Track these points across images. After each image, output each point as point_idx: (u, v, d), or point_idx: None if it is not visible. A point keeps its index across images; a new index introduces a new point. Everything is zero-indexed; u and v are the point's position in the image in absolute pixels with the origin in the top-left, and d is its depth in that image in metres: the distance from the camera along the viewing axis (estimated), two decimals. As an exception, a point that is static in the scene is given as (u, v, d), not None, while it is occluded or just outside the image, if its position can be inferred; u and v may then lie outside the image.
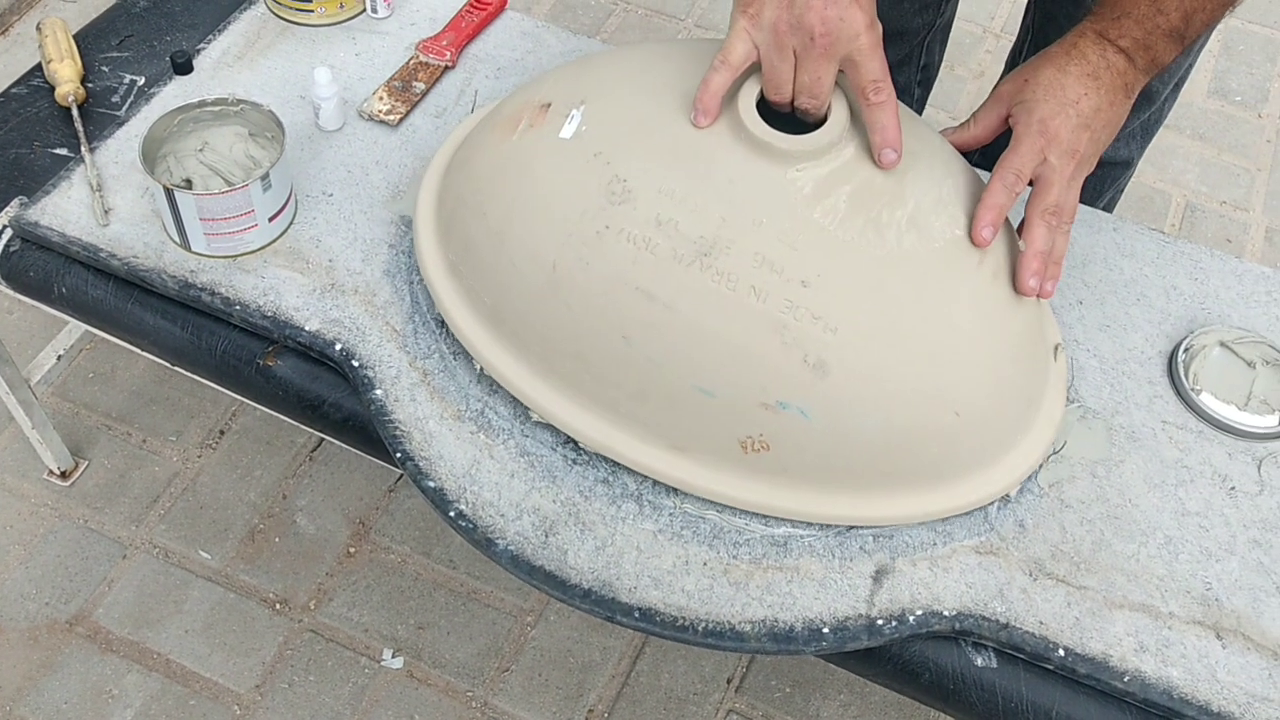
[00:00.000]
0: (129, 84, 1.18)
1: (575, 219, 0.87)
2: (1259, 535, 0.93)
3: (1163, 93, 1.25)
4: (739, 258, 0.83)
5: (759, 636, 0.86)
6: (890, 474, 0.88)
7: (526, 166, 0.91)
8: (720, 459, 0.87)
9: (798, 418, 0.84)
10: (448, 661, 1.36)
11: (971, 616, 0.88)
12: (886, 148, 0.84)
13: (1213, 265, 1.12)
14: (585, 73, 0.95)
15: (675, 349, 0.84)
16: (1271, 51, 2.17)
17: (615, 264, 0.85)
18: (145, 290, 1.04)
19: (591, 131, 0.89)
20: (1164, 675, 0.86)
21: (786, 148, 0.83)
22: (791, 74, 0.83)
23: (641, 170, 0.86)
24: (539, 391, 0.91)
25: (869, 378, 0.84)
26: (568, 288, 0.87)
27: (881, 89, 0.83)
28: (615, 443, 0.90)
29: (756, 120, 0.84)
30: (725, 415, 0.85)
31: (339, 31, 1.25)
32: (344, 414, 0.99)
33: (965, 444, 0.89)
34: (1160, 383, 1.02)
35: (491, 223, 0.92)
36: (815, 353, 0.82)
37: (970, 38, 2.15)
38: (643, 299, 0.84)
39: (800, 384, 0.83)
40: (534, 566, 0.88)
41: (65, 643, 1.35)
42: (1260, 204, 1.93)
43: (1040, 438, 0.94)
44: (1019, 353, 0.91)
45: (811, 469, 0.87)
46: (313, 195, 1.09)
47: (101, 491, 1.47)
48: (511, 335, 0.92)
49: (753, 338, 0.83)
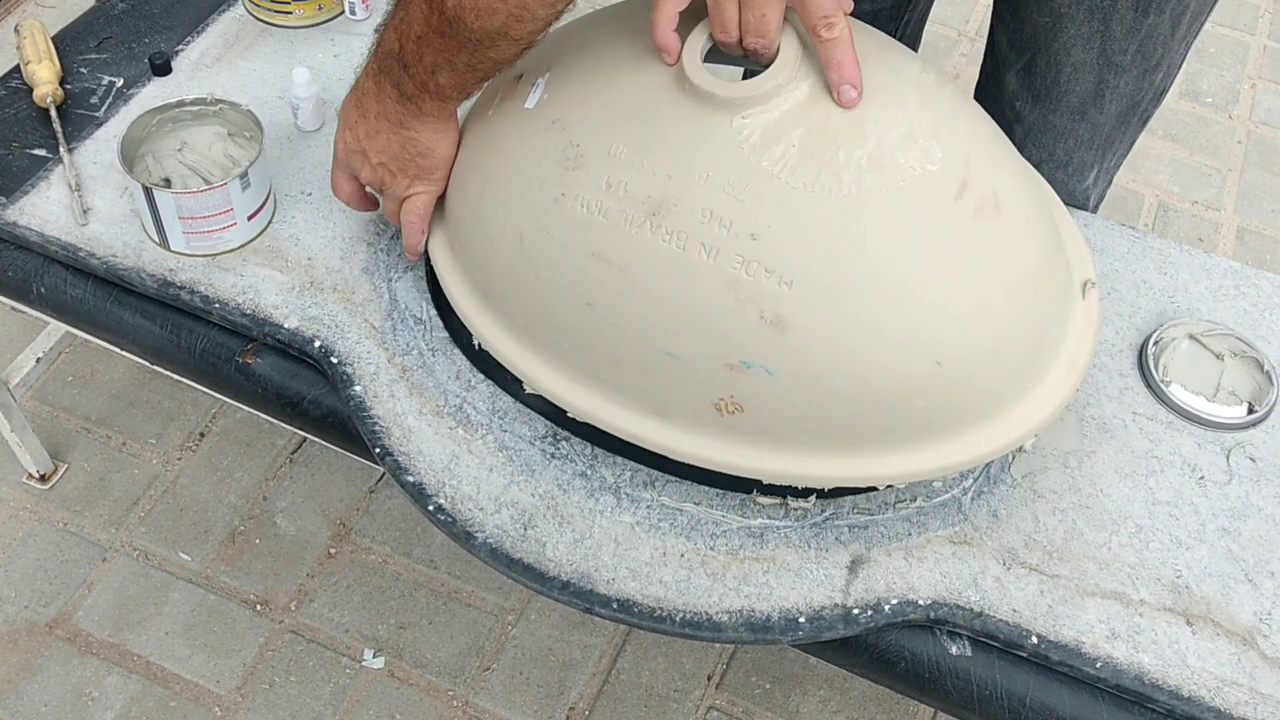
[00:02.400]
0: (108, 85, 1.18)
1: (536, 189, 0.86)
2: (1228, 524, 0.95)
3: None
4: (687, 215, 0.80)
5: (736, 626, 0.87)
6: (875, 431, 0.85)
7: (497, 141, 0.91)
8: (699, 423, 0.85)
9: (763, 376, 0.81)
10: (429, 661, 1.37)
11: (946, 605, 0.89)
12: (845, 84, 0.80)
13: (1182, 260, 1.13)
14: (555, 40, 0.92)
15: (636, 313, 0.83)
16: (1241, 54, 2.20)
17: (572, 231, 0.84)
18: (124, 289, 1.04)
19: (552, 99, 0.88)
20: (1135, 661, 0.87)
21: (728, 95, 0.80)
22: (737, 12, 0.80)
23: (592, 133, 0.84)
24: (529, 364, 0.90)
25: (831, 331, 0.80)
26: (535, 258, 0.86)
27: (834, 24, 0.79)
28: (601, 411, 0.88)
29: (699, 69, 0.81)
30: (694, 378, 0.83)
31: (317, 33, 1.26)
32: (323, 410, 1.00)
33: (956, 395, 0.84)
34: (1131, 375, 1.04)
35: (471, 199, 0.92)
36: (771, 308, 0.79)
37: (945, 41, 2.17)
38: (599, 264, 0.83)
39: (760, 342, 0.80)
40: (513, 559, 0.89)
41: (45, 645, 1.35)
42: (1231, 204, 1.96)
43: (1058, 386, 0.89)
44: (1020, 293, 0.85)
45: (789, 429, 0.84)
46: (292, 194, 1.09)
47: (81, 494, 1.47)
48: (499, 310, 0.92)
49: (707, 297, 0.80)
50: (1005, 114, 1.20)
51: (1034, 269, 0.86)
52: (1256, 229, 1.93)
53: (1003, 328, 0.84)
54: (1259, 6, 2.29)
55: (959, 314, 0.82)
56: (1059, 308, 0.90)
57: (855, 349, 0.80)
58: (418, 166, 0.94)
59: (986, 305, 0.83)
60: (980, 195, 0.82)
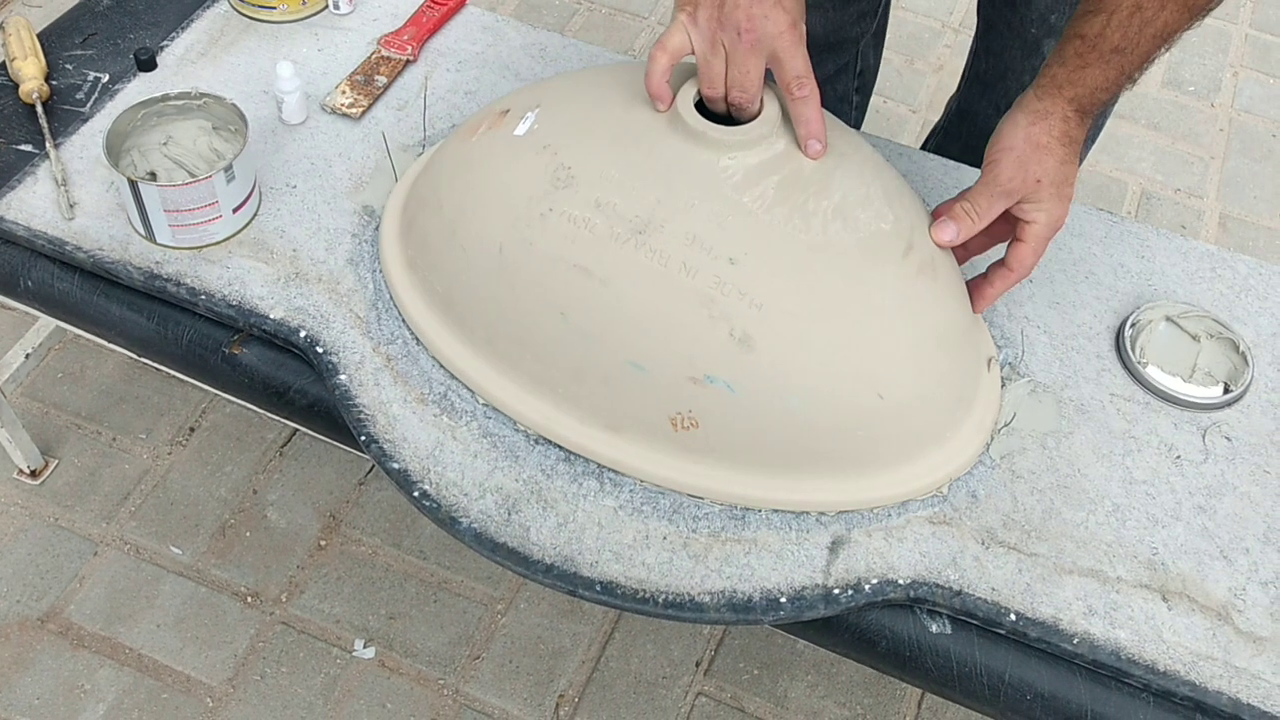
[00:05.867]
0: (93, 81, 1.19)
1: (522, 203, 0.91)
2: (1203, 502, 0.96)
3: None
4: (671, 236, 0.87)
5: (718, 607, 0.88)
6: (816, 456, 0.91)
7: (481, 161, 0.96)
8: (651, 438, 0.91)
9: (724, 392, 0.87)
10: (419, 651, 1.38)
11: (926, 584, 0.90)
12: (811, 139, 0.89)
13: (1159, 243, 1.15)
14: (542, 86, 1.02)
15: (609, 323, 0.88)
16: (1223, 43, 2.21)
17: (556, 243, 0.89)
18: (111, 282, 1.05)
19: (543, 129, 0.94)
20: (1112, 637, 0.88)
21: (718, 137, 0.88)
22: (723, 69, 0.88)
23: (585, 158, 0.90)
24: (484, 375, 0.95)
25: (792, 354, 0.87)
26: (512, 268, 0.91)
27: (805, 84, 0.88)
28: (555, 424, 0.93)
29: (692, 113, 0.89)
30: (656, 390, 0.88)
31: (302, 27, 1.26)
32: (309, 400, 1.01)
33: (891, 429, 0.91)
34: (1108, 357, 1.05)
35: (446, 213, 0.96)
36: (741, 327, 0.86)
37: (929, 32, 2.18)
38: (580, 275, 0.88)
39: (726, 357, 0.86)
40: (497, 544, 0.90)
41: (37, 640, 1.36)
42: (1214, 191, 1.97)
43: (970, 440, 0.96)
44: (946, 348, 0.94)
45: (738, 447, 0.90)
46: (277, 187, 1.10)
47: (72, 490, 1.48)
48: (460, 322, 0.96)
49: (682, 311, 0.86)
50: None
51: (959, 329, 0.96)
52: (1239, 215, 1.94)
53: (934, 374, 0.93)
54: (1241, -5, 2.30)
55: (900, 355, 0.90)
56: (973, 371, 0.99)
57: (810, 373, 0.88)
58: None
59: (922, 351, 0.92)
60: (922, 257, 0.92)
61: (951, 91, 1.51)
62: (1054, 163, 0.91)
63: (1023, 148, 0.90)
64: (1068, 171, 0.91)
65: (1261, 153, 2.04)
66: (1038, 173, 0.90)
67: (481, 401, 0.96)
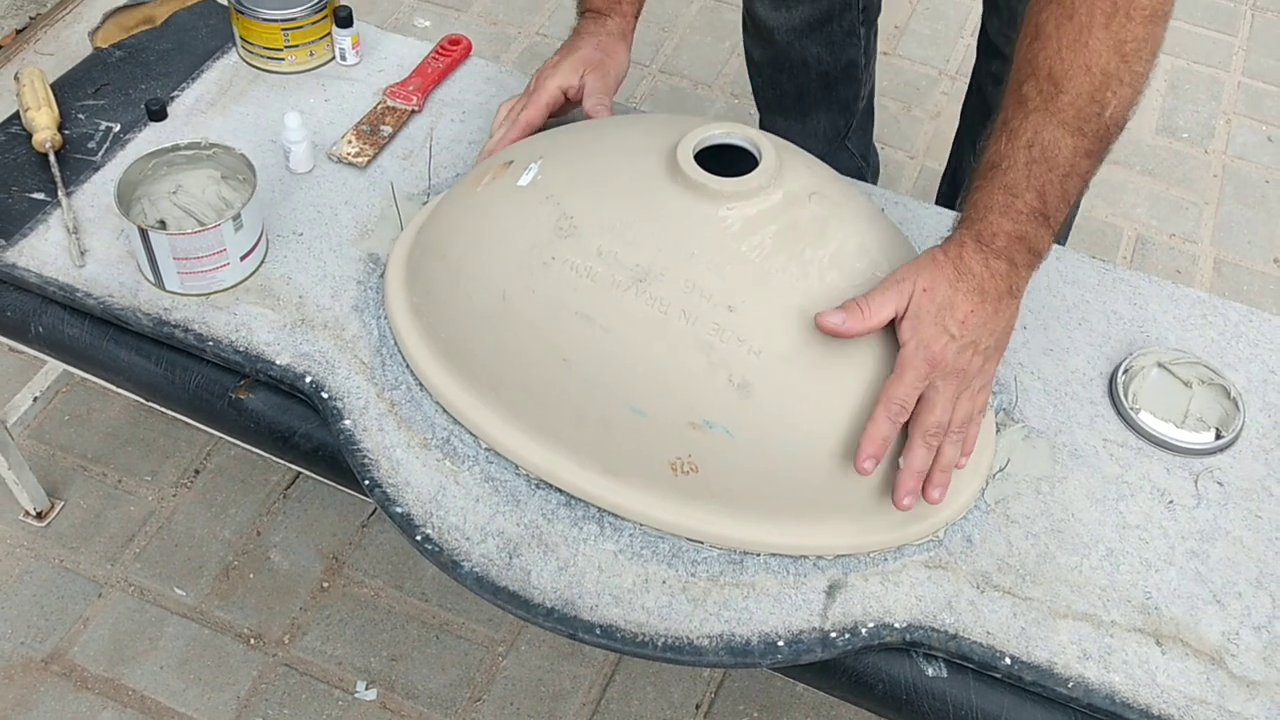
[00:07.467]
0: (105, 130, 1.22)
1: (525, 251, 0.93)
2: (1196, 546, 0.97)
3: None
4: (672, 284, 0.89)
5: (716, 650, 0.89)
6: (812, 499, 0.92)
7: (485, 210, 0.98)
8: (651, 483, 0.92)
9: (723, 437, 0.89)
10: (420, 692, 1.38)
11: (921, 628, 0.91)
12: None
13: (1151, 291, 1.16)
14: (545, 138, 1.04)
15: (610, 369, 0.90)
16: (1216, 90, 2.24)
17: (558, 290, 0.91)
18: (120, 328, 1.07)
19: (546, 180, 0.96)
20: (1106, 681, 0.89)
21: (718, 188, 0.91)
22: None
23: (588, 208, 0.93)
24: (487, 420, 0.97)
25: (790, 400, 0.89)
26: (515, 314, 0.93)
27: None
28: (556, 469, 0.95)
29: (693, 164, 0.92)
30: (657, 435, 0.90)
31: (309, 78, 1.29)
32: (314, 444, 1.02)
33: (886, 474, 0.91)
34: (1101, 402, 1.07)
35: (450, 261, 0.98)
36: (740, 373, 0.88)
37: (926, 80, 2.22)
38: (582, 322, 0.90)
39: (725, 403, 0.88)
40: (498, 587, 0.91)
41: (41, 681, 1.36)
42: (1208, 236, 2.00)
43: (965, 485, 0.97)
44: None
45: (737, 492, 0.92)
46: (283, 235, 1.13)
47: (77, 531, 1.49)
48: (463, 368, 0.98)
49: (682, 357, 0.88)
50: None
51: None
52: (1233, 261, 1.96)
53: None
54: (1233, 44, 2.34)
55: None
56: None
57: (809, 418, 0.89)
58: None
59: None
60: None
61: (950, 136, 1.53)
62: (944, 283, 0.88)
63: (923, 257, 0.91)
64: (956, 298, 0.88)
65: (1255, 198, 2.06)
66: (925, 283, 0.88)
67: (484, 446, 0.98)
